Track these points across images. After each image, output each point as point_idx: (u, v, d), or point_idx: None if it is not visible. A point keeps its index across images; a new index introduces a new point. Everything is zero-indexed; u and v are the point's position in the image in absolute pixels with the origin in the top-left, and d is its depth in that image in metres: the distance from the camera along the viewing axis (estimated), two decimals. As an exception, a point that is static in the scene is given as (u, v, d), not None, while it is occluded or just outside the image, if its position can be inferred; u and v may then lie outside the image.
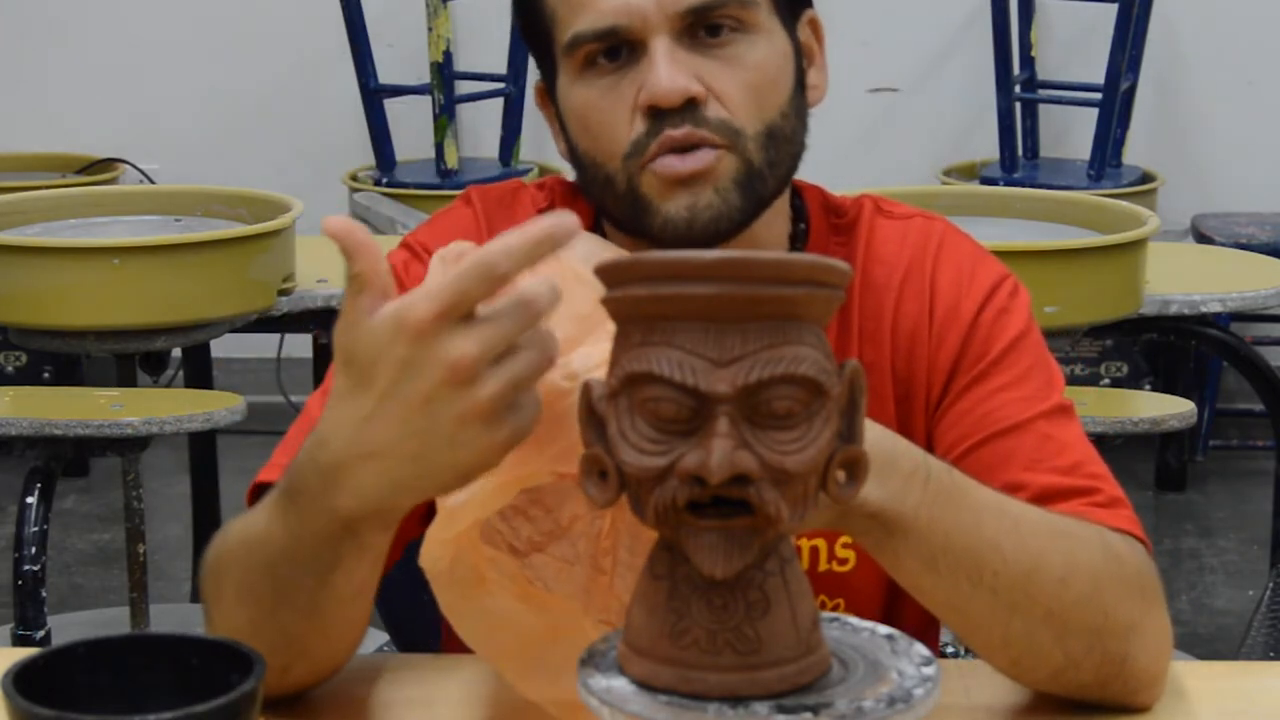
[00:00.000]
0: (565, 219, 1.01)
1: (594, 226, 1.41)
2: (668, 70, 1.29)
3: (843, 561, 1.39)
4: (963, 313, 1.39)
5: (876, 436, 1.14)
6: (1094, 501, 1.31)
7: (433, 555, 1.12)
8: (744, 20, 1.32)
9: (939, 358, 1.39)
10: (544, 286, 1.02)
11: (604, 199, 1.36)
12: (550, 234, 1.01)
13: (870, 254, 1.42)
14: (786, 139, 1.35)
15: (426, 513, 1.36)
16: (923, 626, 1.42)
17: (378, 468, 1.06)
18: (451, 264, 1.06)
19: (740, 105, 1.31)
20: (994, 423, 1.35)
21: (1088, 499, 1.31)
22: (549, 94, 1.40)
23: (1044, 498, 1.30)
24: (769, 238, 1.39)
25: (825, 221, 1.45)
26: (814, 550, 1.39)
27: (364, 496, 1.08)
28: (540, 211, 1.42)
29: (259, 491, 1.28)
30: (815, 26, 1.41)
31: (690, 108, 1.30)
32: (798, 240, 1.43)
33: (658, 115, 1.30)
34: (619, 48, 1.31)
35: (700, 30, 1.31)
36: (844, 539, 1.39)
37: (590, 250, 1.10)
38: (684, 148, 1.30)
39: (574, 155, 1.38)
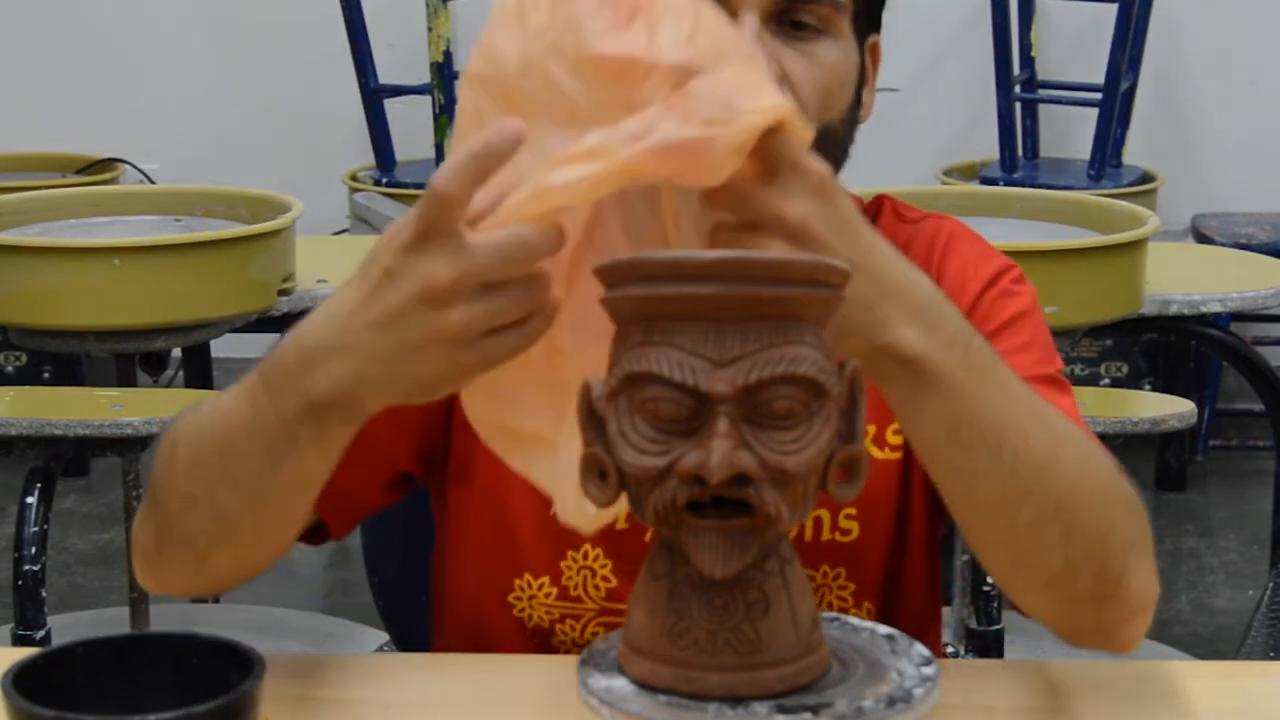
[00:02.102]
0: (506, 127, 1.03)
1: None
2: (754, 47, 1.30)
3: (845, 532, 1.39)
4: (967, 292, 1.41)
5: (929, 290, 1.15)
6: None
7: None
8: (829, 23, 1.35)
9: None
10: (545, 232, 1.03)
11: None
12: (489, 146, 1.03)
13: None
14: (838, 143, 1.37)
15: (396, 481, 1.40)
16: (924, 604, 1.42)
17: (350, 360, 1.09)
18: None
19: (809, 99, 1.33)
20: None
21: None
22: None
23: None
24: None
25: None
26: (817, 520, 1.38)
27: (334, 383, 1.11)
28: None
29: None
30: (875, 51, 1.44)
31: None
32: None
33: None
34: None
35: (788, 22, 1.33)
36: (847, 510, 1.39)
37: None
38: None
39: None
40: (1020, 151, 4.44)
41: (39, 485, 2.54)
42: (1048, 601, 1.26)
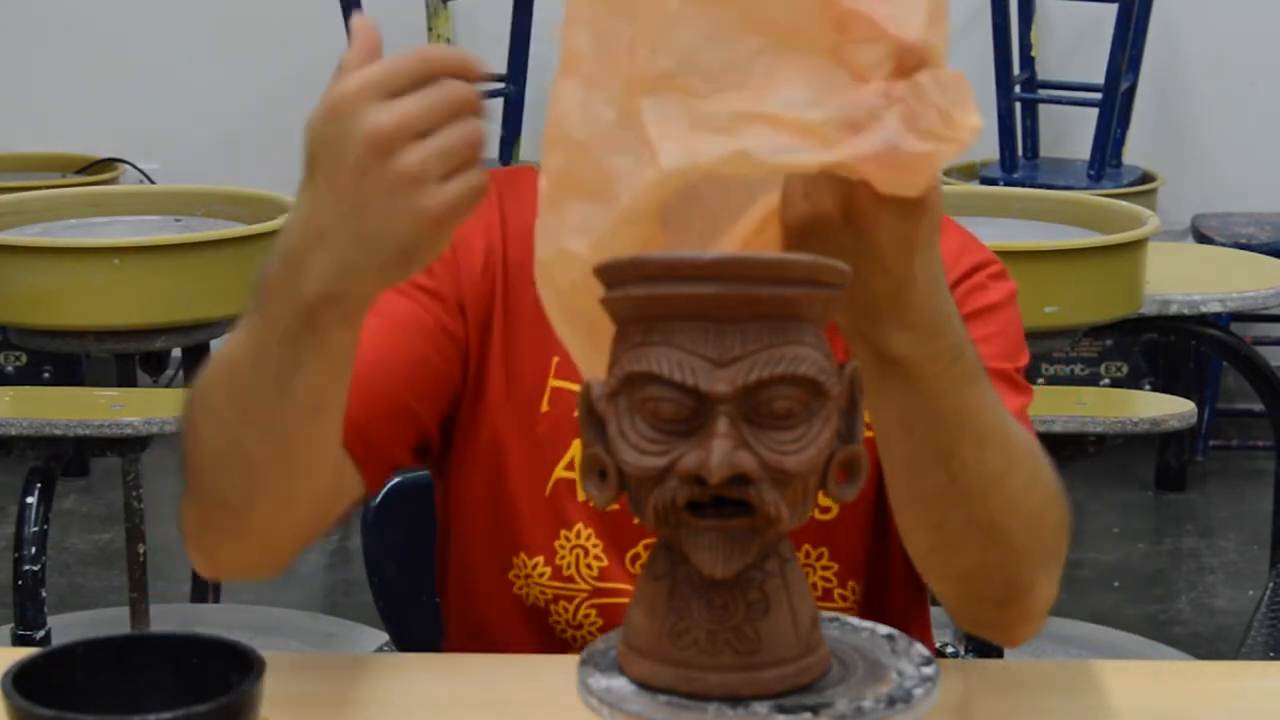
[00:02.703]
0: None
1: None
2: None
3: (825, 510, 1.39)
4: None
5: (939, 301, 1.16)
6: None
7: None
8: None
9: None
10: (472, 61, 1.04)
11: None
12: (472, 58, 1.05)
13: None
14: None
15: (422, 447, 1.40)
16: (908, 585, 1.43)
17: (328, 250, 1.08)
18: None
19: None
20: None
21: None
22: None
23: None
24: None
25: None
26: None
27: (320, 279, 1.10)
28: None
29: None
30: None
31: None
32: None
33: None
34: None
35: None
36: None
37: None
38: None
39: None
40: (1020, 151, 4.43)
41: (39, 485, 2.54)
42: (953, 591, 1.29)
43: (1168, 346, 4.17)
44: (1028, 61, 4.52)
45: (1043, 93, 4.55)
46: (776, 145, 0.98)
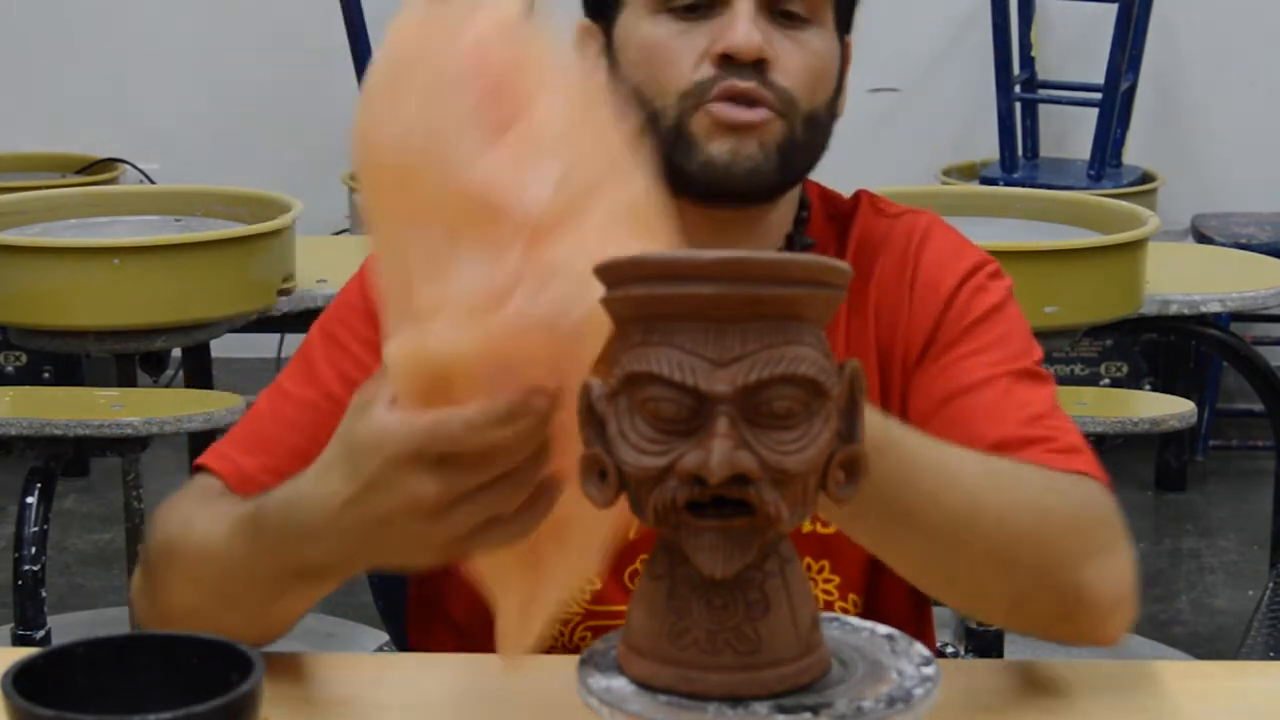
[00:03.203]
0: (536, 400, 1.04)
1: None
2: (748, 26, 1.35)
3: (826, 524, 1.39)
4: (942, 287, 1.44)
5: None
6: (1051, 449, 1.33)
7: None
8: (817, 12, 1.39)
9: (915, 327, 1.43)
10: (526, 438, 1.05)
11: (641, 129, 1.38)
12: (528, 405, 1.04)
13: (859, 244, 1.48)
14: (821, 129, 1.41)
15: None
16: (908, 598, 1.44)
17: (341, 543, 1.14)
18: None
19: (799, 82, 1.37)
20: (959, 381, 1.39)
21: (1044, 446, 1.33)
22: (603, 29, 1.43)
23: (1000, 447, 1.32)
24: (782, 216, 1.45)
25: (823, 210, 1.50)
26: None
27: (325, 558, 1.16)
28: None
29: (201, 468, 1.39)
30: (848, 50, 1.47)
31: (759, 68, 1.36)
32: (799, 225, 1.48)
33: (728, 66, 1.35)
34: (698, 4, 1.37)
35: (778, 10, 1.37)
36: None
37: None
38: (744, 100, 1.35)
39: (615, 87, 1.40)
40: (1020, 151, 4.43)
41: (39, 485, 2.54)
42: (1015, 624, 1.29)
43: (1168, 346, 4.17)
44: (1028, 61, 4.52)
45: (1043, 93, 4.55)
46: (440, 335, 1.03)
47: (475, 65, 1.05)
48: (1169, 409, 2.69)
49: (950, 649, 2.39)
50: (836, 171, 1.50)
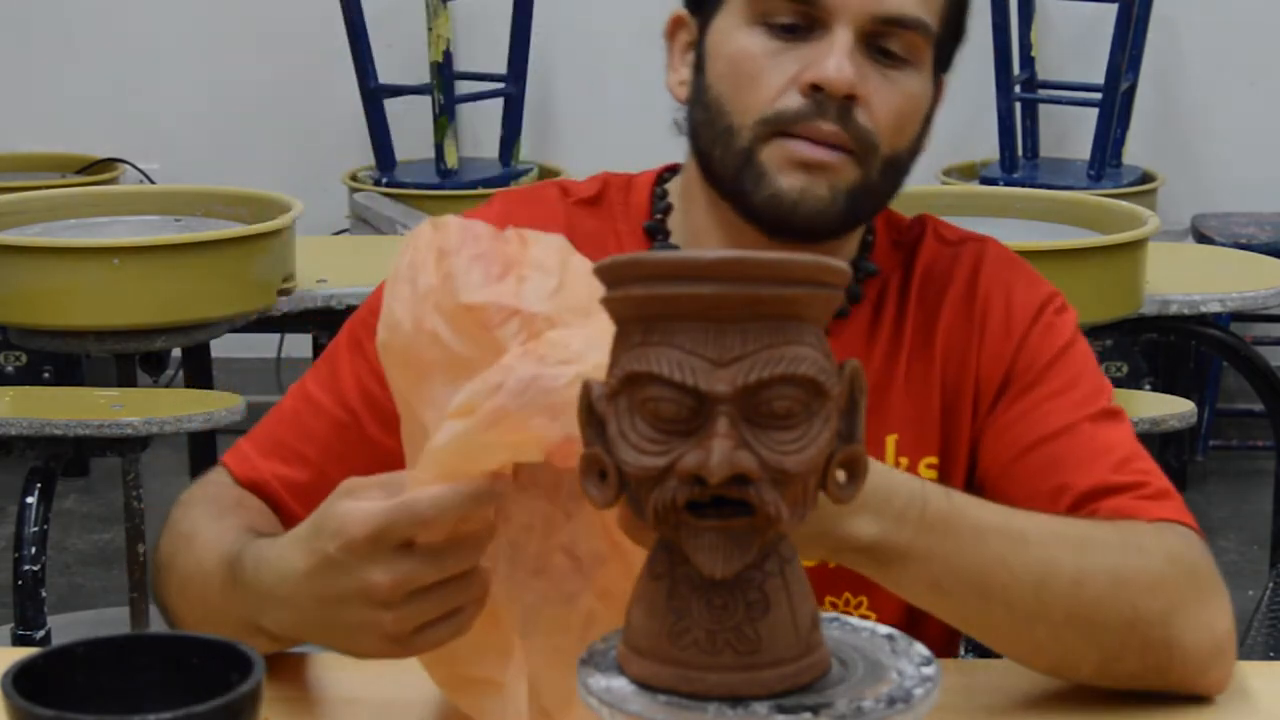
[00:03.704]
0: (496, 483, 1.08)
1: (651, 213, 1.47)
2: (844, 60, 1.31)
3: None
4: (1013, 328, 1.42)
5: (873, 474, 1.17)
6: (1141, 495, 1.33)
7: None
8: (916, 53, 1.35)
9: (987, 369, 1.42)
10: (481, 541, 1.10)
11: (713, 146, 1.37)
12: (489, 492, 1.07)
13: (924, 275, 1.46)
14: (900, 172, 1.39)
15: None
16: (941, 635, 1.42)
17: (296, 615, 1.17)
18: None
19: (885, 125, 1.34)
20: (1041, 428, 1.38)
21: (1135, 493, 1.33)
22: (698, 24, 1.40)
23: (1092, 496, 1.32)
24: (846, 243, 1.44)
25: (888, 237, 1.49)
26: None
27: (281, 627, 1.19)
28: (579, 203, 1.47)
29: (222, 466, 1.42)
30: (942, 88, 1.44)
31: (846, 105, 1.32)
32: (864, 250, 1.47)
33: (816, 99, 1.32)
34: (797, 26, 1.33)
35: (876, 48, 1.34)
36: None
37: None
38: (823, 141, 1.33)
39: (699, 94, 1.39)
40: (1020, 151, 4.44)
41: (39, 485, 2.54)
42: (1105, 682, 1.27)
43: (1168, 346, 4.17)
44: (1028, 61, 4.52)
45: (1043, 93, 4.55)
46: (447, 434, 1.08)
47: (480, 229, 1.14)
48: (1169, 409, 2.69)
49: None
50: (837, 171, 1.50)
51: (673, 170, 1.50)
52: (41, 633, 2.51)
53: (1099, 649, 1.23)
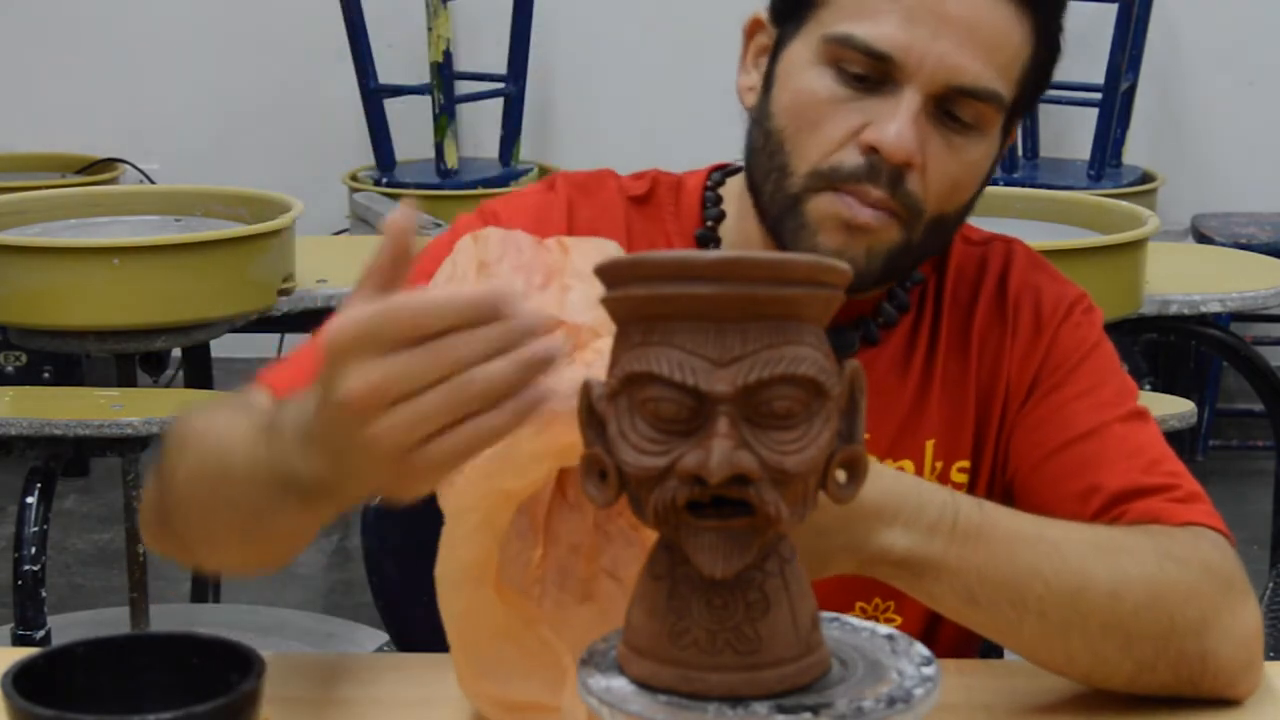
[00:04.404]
0: (507, 292, 0.97)
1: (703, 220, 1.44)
2: (907, 128, 1.28)
3: None
4: (1043, 328, 1.42)
5: (904, 486, 1.19)
6: (1171, 498, 1.33)
7: (459, 504, 1.11)
8: (984, 121, 1.32)
9: (1019, 369, 1.42)
10: (472, 338, 0.97)
11: (766, 177, 1.35)
12: (491, 301, 0.96)
13: (957, 276, 1.45)
14: (947, 230, 1.37)
15: None
16: (960, 639, 1.42)
17: (320, 453, 1.03)
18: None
19: (935, 190, 1.32)
20: (1070, 428, 1.37)
21: (1165, 495, 1.33)
22: (776, 36, 1.36)
23: (1122, 497, 1.32)
24: None
25: None
26: None
27: (313, 471, 1.05)
28: (631, 200, 1.43)
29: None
30: (1012, 135, 1.41)
31: (900, 171, 1.30)
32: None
33: (871, 160, 1.29)
34: (868, 76, 1.30)
35: (944, 111, 1.31)
36: None
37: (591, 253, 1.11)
38: (870, 202, 1.30)
39: (762, 116, 1.36)
40: (1020, 151, 4.43)
41: (39, 485, 2.54)
42: (1137, 691, 1.26)
43: (1168, 346, 4.17)
44: (1028, 61, 4.51)
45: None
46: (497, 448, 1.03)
47: (521, 239, 1.13)
48: (1169, 409, 2.69)
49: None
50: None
51: (721, 169, 1.47)
52: (41, 633, 2.51)
53: (1133, 660, 1.23)
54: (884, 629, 1.08)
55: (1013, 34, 1.34)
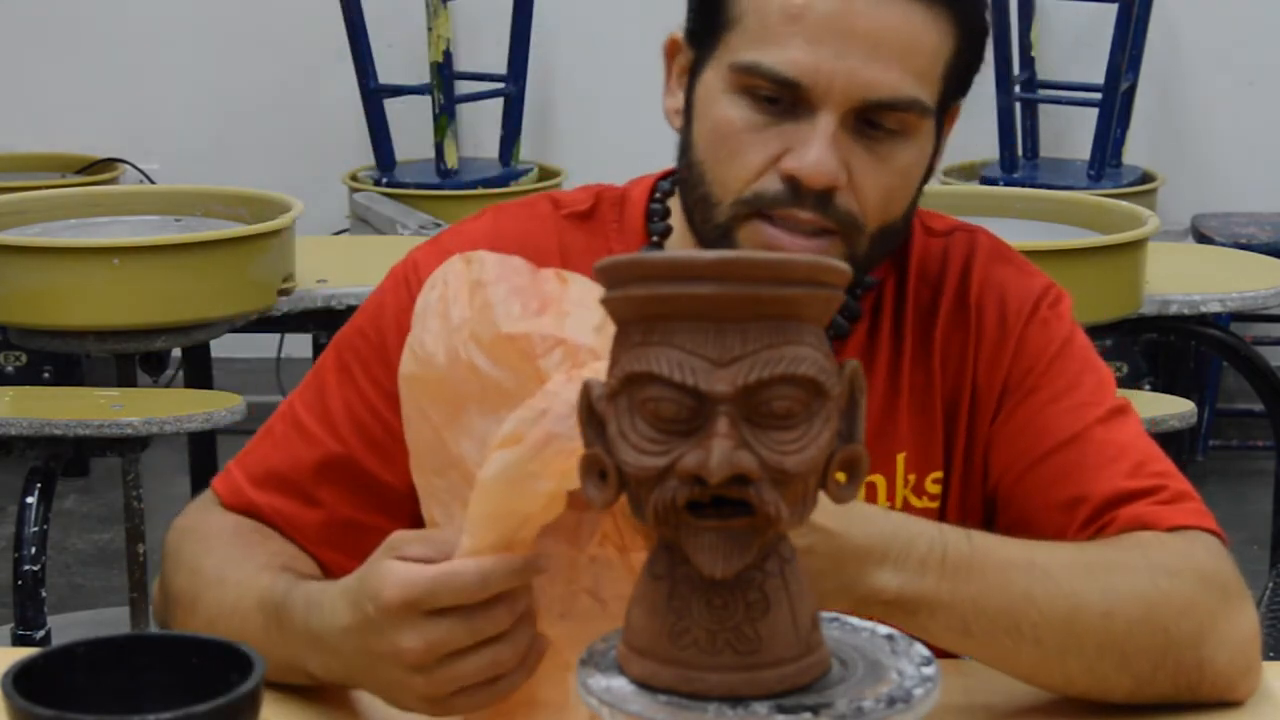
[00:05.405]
0: (534, 560, 1.09)
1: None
2: (824, 154, 1.26)
3: None
4: (1008, 331, 1.39)
5: (892, 525, 1.19)
6: (1158, 500, 1.31)
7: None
8: (908, 125, 1.29)
9: (985, 376, 1.39)
10: (516, 604, 1.10)
11: (694, 208, 1.34)
12: (532, 567, 1.09)
13: (919, 274, 1.42)
14: (892, 236, 1.34)
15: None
16: None
17: (341, 665, 1.17)
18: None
19: (871, 202, 1.29)
20: (1050, 436, 1.35)
21: (1152, 499, 1.31)
22: (693, 59, 1.34)
23: (1108, 505, 1.31)
24: None
25: None
26: None
27: (329, 673, 1.20)
28: (571, 217, 1.42)
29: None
30: (955, 113, 1.38)
31: (826, 195, 1.27)
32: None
33: (793, 185, 1.27)
34: (781, 99, 1.27)
35: (866, 120, 1.28)
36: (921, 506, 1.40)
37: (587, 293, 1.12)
38: (801, 228, 1.28)
39: (685, 145, 1.34)
40: (1020, 151, 4.43)
41: (39, 485, 2.54)
42: (1136, 702, 1.26)
43: (1168, 346, 4.17)
44: (1028, 61, 4.52)
45: (1043, 93, 4.55)
46: (496, 465, 1.07)
47: (518, 264, 1.14)
48: (1169, 409, 2.69)
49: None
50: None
51: (668, 177, 1.43)
52: (41, 633, 2.51)
53: (1131, 676, 1.23)
54: (884, 629, 1.08)
55: (927, 35, 1.29)
